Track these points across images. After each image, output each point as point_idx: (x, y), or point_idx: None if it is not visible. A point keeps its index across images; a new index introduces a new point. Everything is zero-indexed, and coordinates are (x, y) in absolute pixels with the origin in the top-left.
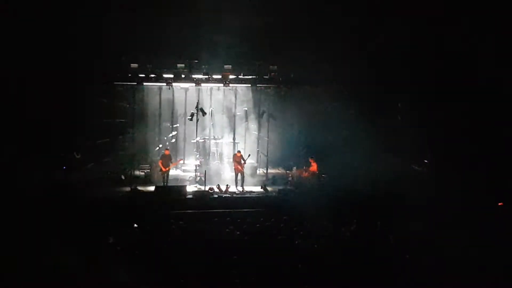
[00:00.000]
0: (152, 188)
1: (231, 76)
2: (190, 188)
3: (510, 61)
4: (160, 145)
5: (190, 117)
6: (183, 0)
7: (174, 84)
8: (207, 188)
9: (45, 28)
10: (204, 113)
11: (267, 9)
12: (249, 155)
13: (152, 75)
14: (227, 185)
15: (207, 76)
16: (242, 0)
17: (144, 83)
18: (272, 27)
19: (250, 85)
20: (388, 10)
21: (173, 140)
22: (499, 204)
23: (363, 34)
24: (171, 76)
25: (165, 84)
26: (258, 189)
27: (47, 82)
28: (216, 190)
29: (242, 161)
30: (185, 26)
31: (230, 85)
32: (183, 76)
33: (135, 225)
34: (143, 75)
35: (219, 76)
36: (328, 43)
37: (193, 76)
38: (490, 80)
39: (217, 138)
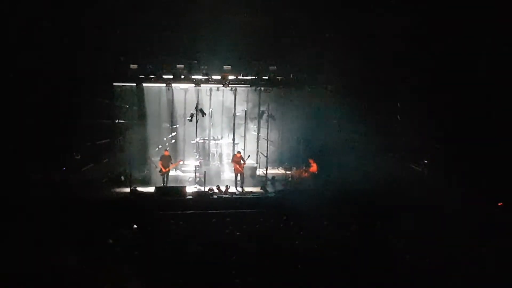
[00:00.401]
0: (151, 189)
1: (231, 77)
2: (190, 189)
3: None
4: (160, 146)
5: (190, 118)
6: (184, 0)
7: (173, 84)
8: (206, 189)
9: (46, 28)
10: (203, 114)
11: (267, 10)
12: (249, 156)
13: (152, 76)
14: (227, 185)
15: (206, 77)
16: (242, 1)
17: (144, 84)
18: (272, 28)
19: (249, 85)
20: (390, 10)
21: (173, 141)
22: (499, 204)
23: (363, 34)
24: (171, 76)
25: (164, 85)
26: (257, 189)
27: (47, 82)
28: (216, 190)
29: (242, 162)
30: (185, 26)
31: (230, 85)
32: (182, 76)
33: (135, 226)
34: (143, 76)
35: (219, 77)
36: (328, 43)
37: (193, 76)
38: (491, 80)
39: (216, 138)
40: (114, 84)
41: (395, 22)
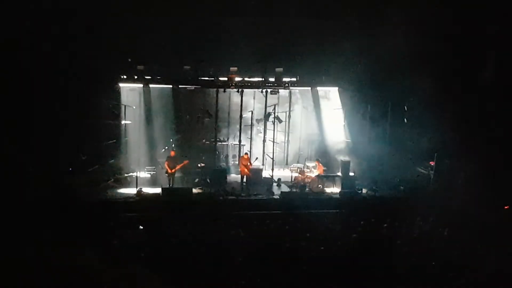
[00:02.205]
0: (158, 190)
1: (237, 78)
2: (196, 190)
3: None
4: (166, 147)
5: (196, 119)
6: (190, 1)
7: (180, 86)
8: (213, 190)
9: (51, 28)
10: (210, 115)
11: (272, 11)
12: (257, 158)
13: (158, 77)
14: (233, 187)
15: (213, 78)
16: (248, 2)
17: (150, 85)
18: (278, 29)
19: (256, 87)
20: (394, 9)
21: (179, 142)
22: (505, 207)
23: (369, 35)
24: (177, 78)
25: (171, 86)
26: (264, 191)
27: (53, 82)
28: (222, 192)
29: (248, 163)
30: (191, 27)
31: (237, 87)
32: (189, 78)
33: (141, 227)
34: (149, 77)
35: (225, 78)
36: (333, 44)
37: (199, 78)
38: (497, 81)
39: (223, 140)
40: (120, 85)
41: (404, 23)
